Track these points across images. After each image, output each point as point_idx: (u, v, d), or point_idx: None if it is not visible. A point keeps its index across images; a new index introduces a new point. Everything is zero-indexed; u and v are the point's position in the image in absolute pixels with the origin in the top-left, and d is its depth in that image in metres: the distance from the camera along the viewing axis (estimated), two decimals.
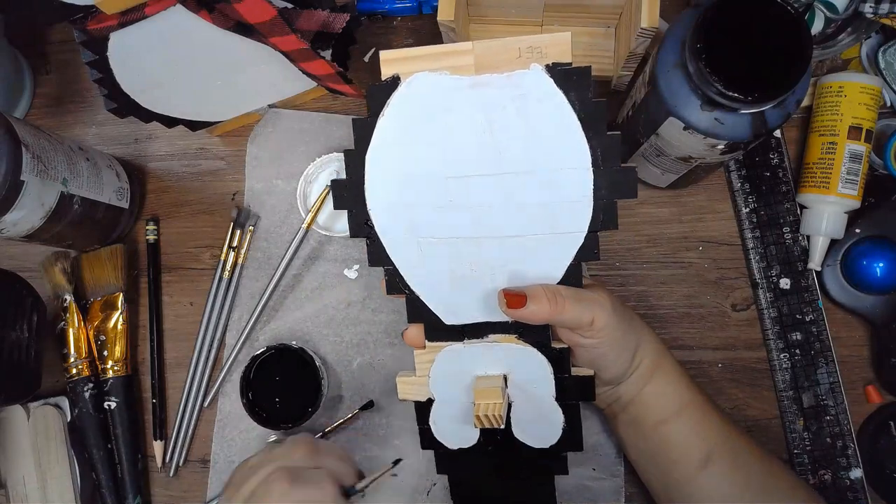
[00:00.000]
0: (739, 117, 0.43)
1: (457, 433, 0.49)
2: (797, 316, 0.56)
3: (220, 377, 0.59)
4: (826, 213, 0.54)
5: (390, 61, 0.44)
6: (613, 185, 0.43)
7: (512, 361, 0.47)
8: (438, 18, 0.50)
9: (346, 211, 0.46)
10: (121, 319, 0.59)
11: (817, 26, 0.55)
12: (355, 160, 0.45)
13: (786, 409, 0.55)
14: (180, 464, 0.59)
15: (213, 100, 0.56)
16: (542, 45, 0.42)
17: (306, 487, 0.42)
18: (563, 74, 0.42)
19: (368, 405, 0.57)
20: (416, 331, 0.48)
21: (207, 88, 0.54)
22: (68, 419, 0.58)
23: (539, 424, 0.48)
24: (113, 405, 0.58)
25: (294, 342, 0.57)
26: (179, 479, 0.59)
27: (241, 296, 0.60)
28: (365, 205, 0.46)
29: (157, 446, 0.59)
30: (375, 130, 0.45)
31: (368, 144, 0.45)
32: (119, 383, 0.59)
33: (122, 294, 0.59)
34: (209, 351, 0.60)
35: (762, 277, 0.56)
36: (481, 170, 0.44)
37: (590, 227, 0.43)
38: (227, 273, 0.60)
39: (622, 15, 0.56)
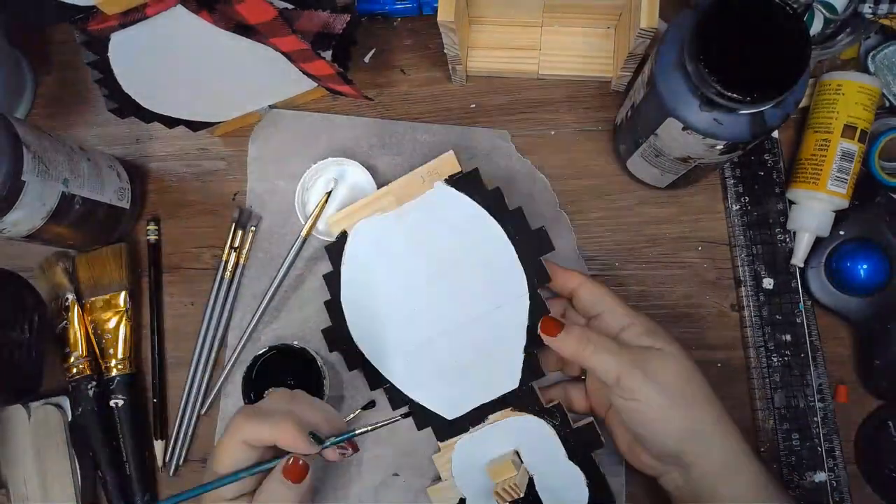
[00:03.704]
0: (738, 118, 0.43)
1: None
2: (777, 316, 0.56)
3: (222, 377, 0.59)
4: (814, 209, 0.54)
5: (336, 222, 0.55)
6: (532, 246, 0.50)
7: (518, 434, 0.51)
8: (438, 19, 0.50)
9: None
10: (125, 318, 0.59)
11: (816, 27, 0.55)
12: (334, 307, 0.55)
13: (759, 407, 0.55)
14: (180, 463, 0.59)
15: (213, 100, 0.57)
16: (436, 167, 0.53)
17: (262, 423, 0.41)
18: (459, 181, 0.52)
19: (370, 405, 0.57)
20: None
21: (208, 89, 0.55)
22: (69, 419, 0.58)
23: (564, 489, 0.50)
24: (120, 403, 0.58)
25: (296, 342, 0.57)
26: (180, 478, 0.59)
27: (243, 296, 0.60)
28: (353, 341, 0.54)
29: (158, 446, 0.59)
30: (342, 278, 0.55)
31: (340, 292, 0.55)
32: (124, 381, 0.59)
33: (125, 292, 0.60)
34: (210, 351, 0.60)
35: (746, 276, 0.56)
36: (427, 277, 0.53)
37: (529, 287, 0.50)
38: (228, 273, 0.60)
39: (621, 15, 0.57)
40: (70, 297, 0.59)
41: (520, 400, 0.51)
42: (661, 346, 0.46)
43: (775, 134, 0.58)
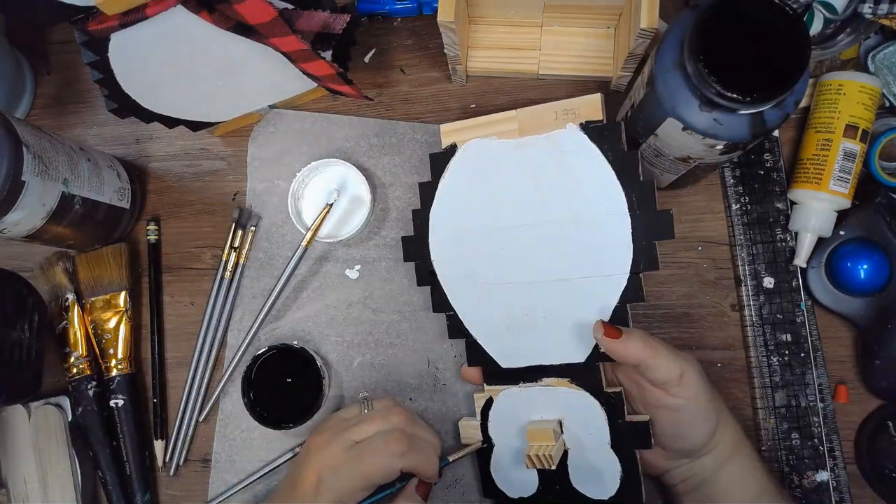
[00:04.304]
0: (738, 118, 0.43)
1: (516, 481, 0.51)
2: (778, 315, 0.56)
3: (223, 379, 0.59)
4: (816, 209, 0.54)
5: (448, 132, 0.52)
6: (650, 227, 0.46)
7: (566, 406, 0.49)
8: (438, 19, 0.50)
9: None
10: (125, 318, 0.59)
11: (816, 27, 0.55)
12: (421, 218, 0.52)
13: (759, 406, 0.55)
14: (180, 463, 0.59)
15: (213, 100, 0.57)
16: (576, 107, 0.48)
17: (419, 454, 0.46)
18: (595, 131, 0.47)
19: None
20: (473, 371, 0.52)
21: (208, 89, 0.54)
22: (69, 419, 0.58)
23: (596, 473, 0.49)
24: (120, 402, 0.58)
25: (295, 342, 0.57)
26: (179, 478, 0.59)
27: (243, 296, 0.60)
28: (429, 256, 0.52)
29: (158, 446, 0.59)
30: (437, 191, 0.51)
31: (432, 204, 0.52)
32: (124, 381, 0.59)
33: (125, 292, 0.60)
34: (210, 351, 0.60)
35: (746, 275, 0.56)
36: (529, 220, 0.49)
37: (631, 269, 0.46)
38: (228, 273, 0.60)
39: (622, 15, 0.57)
40: (70, 297, 0.59)
41: (582, 375, 0.49)
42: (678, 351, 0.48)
43: (776, 133, 0.58)
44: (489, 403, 0.51)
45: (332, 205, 0.57)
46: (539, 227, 0.49)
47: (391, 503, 0.48)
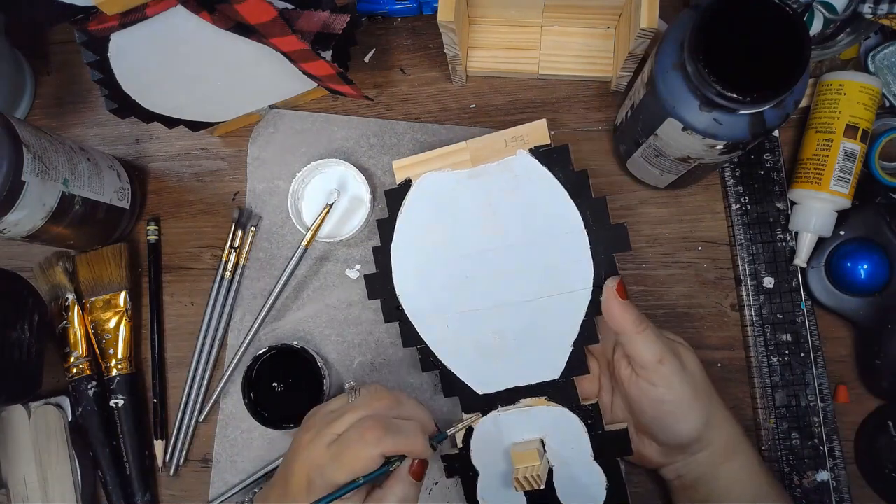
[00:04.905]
0: (738, 118, 0.43)
1: None
2: (778, 315, 0.56)
3: (223, 379, 0.59)
4: (816, 209, 0.54)
5: (401, 168, 0.52)
6: (608, 242, 0.48)
7: (546, 424, 0.50)
8: (438, 19, 0.50)
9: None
10: (125, 318, 0.59)
11: (816, 27, 0.55)
12: (382, 254, 0.52)
13: (759, 406, 0.55)
14: (181, 463, 0.59)
15: (213, 100, 0.57)
16: (523, 133, 0.50)
17: (398, 436, 0.44)
18: (545, 154, 0.49)
19: None
20: None
21: (208, 89, 0.54)
22: (69, 419, 0.58)
23: (582, 486, 0.49)
24: (120, 402, 0.58)
25: (296, 342, 0.57)
26: (180, 478, 0.60)
27: (243, 296, 0.60)
28: (394, 292, 0.52)
29: (158, 446, 0.59)
30: (396, 227, 0.52)
31: (391, 240, 0.52)
32: (124, 381, 0.59)
33: (126, 292, 0.60)
34: (210, 351, 0.60)
35: (746, 275, 0.56)
36: (490, 246, 0.50)
37: (594, 282, 0.48)
38: (228, 273, 0.60)
39: (621, 15, 0.57)
40: (70, 297, 0.59)
41: (558, 392, 0.49)
42: (679, 340, 0.49)
43: (776, 133, 0.58)
44: (470, 432, 0.51)
45: (332, 205, 0.57)
46: (501, 252, 0.50)
47: (382, 485, 0.46)
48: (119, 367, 0.59)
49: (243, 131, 0.63)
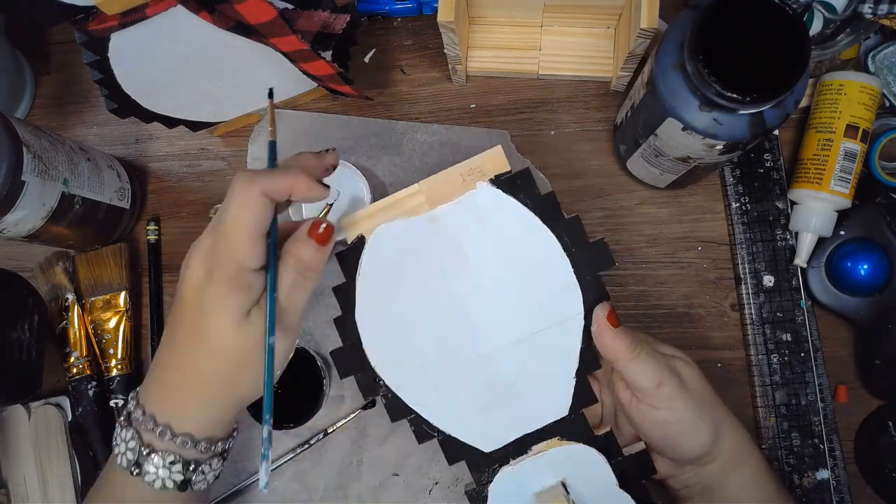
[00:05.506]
0: (738, 118, 0.43)
1: None
2: (778, 314, 0.56)
3: None
4: (817, 209, 0.54)
5: (351, 225, 0.46)
6: (590, 261, 0.44)
7: (565, 465, 0.46)
8: (438, 19, 0.50)
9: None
10: (125, 318, 0.59)
11: (816, 27, 0.55)
12: (347, 325, 0.46)
13: (759, 405, 0.55)
14: None
15: (213, 100, 0.57)
16: (479, 164, 0.45)
17: (274, 175, 0.39)
18: (507, 182, 0.45)
19: (370, 405, 0.57)
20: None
21: (208, 89, 0.55)
22: (69, 419, 0.58)
23: None
24: (120, 402, 0.58)
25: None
26: None
27: None
28: (369, 364, 0.46)
29: None
30: (357, 291, 0.46)
31: (354, 308, 0.46)
32: (124, 381, 0.59)
33: (126, 292, 0.60)
34: None
35: (746, 274, 0.56)
36: (464, 290, 0.45)
37: (585, 306, 0.44)
38: None
39: (621, 15, 0.57)
40: (70, 297, 0.59)
41: (569, 428, 0.45)
42: (677, 354, 0.46)
43: (776, 133, 0.58)
44: (485, 499, 0.47)
45: (332, 205, 0.57)
46: (479, 295, 0.45)
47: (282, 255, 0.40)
48: (119, 367, 0.59)
49: (243, 131, 0.63)
